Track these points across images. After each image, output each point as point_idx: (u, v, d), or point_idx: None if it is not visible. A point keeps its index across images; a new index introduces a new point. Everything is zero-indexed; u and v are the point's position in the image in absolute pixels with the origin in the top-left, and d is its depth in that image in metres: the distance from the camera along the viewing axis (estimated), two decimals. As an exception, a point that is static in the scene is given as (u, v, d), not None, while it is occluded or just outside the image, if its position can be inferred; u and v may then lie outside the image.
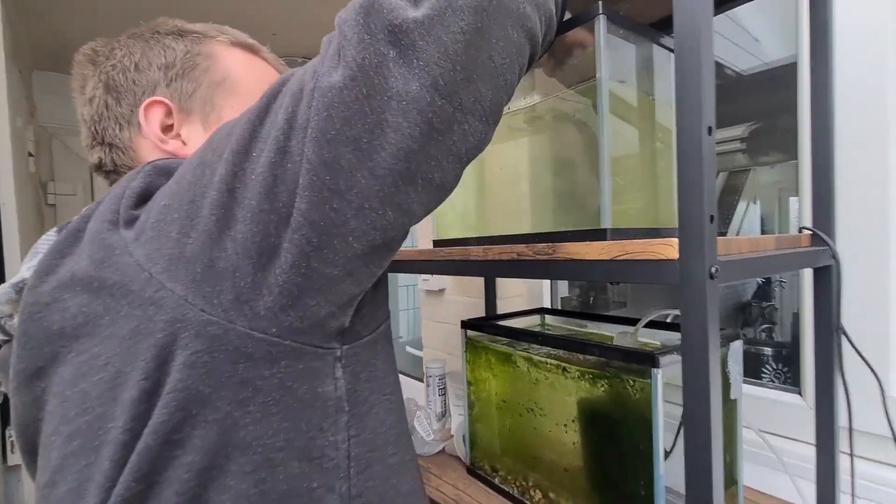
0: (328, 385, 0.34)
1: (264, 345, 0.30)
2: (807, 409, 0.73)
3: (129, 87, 0.47)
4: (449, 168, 0.32)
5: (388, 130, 0.28)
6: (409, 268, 0.64)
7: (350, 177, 0.29)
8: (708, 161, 0.33)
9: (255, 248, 0.30)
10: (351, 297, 0.34)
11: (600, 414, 0.52)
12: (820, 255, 0.52)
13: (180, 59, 0.47)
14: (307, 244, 0.29)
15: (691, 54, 0.33)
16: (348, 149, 0.28)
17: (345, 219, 0.29)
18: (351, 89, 0.28)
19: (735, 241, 0.41)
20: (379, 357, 0.39)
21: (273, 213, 0.29)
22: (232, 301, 0.30)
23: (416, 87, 0.28)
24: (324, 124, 0.28)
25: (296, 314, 0.31)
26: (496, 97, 0.32)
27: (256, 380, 0.31)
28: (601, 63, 0.47)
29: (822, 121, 0.55)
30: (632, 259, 0.37)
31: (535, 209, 0.57)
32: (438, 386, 0.88)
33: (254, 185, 0.30)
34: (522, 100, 0.57)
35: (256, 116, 0.32)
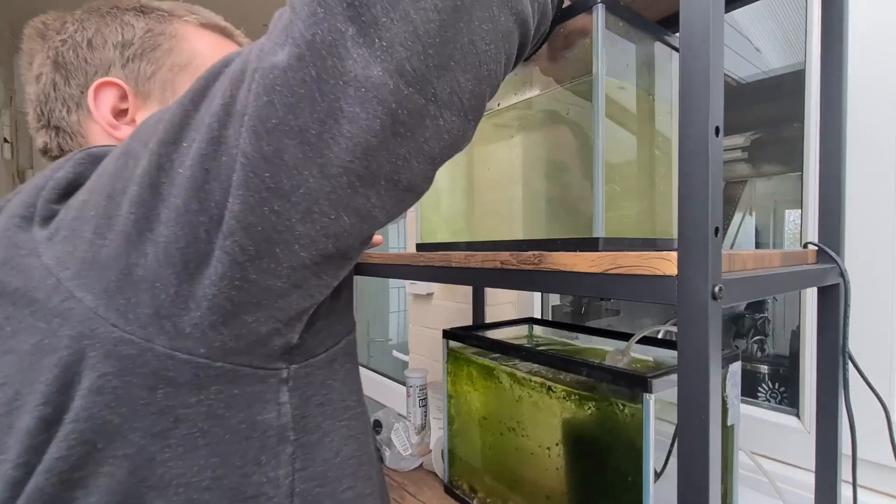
0: (269, 412, 0.29)
1: (190, 368, 0.26)
2: (804, 432, 0.69)
3: (80, 65, 0.42)
4: (419, 169, 0.27)
5: (343, 121, 0.24)
6: (386, 272, 0.59)
7: (295, 174, 0.24)
8: (715, 165, 0.29)
9: (179, 255, 0.25)
10: (299, 312, 0.29)
11: (586, 438, 0.48)
12: (827, 272, 0.48)
13: (139, 38, 0.43)
14: (241, 252, 0.25)
15: (699, 45, 0.29)
16: (293, 141, 0.24)
17: (289, 223, 0.25)
18: (297, 70, 0.23)
19: (740, 255, 0.37)
20: (337, 377, 0.34)
21: (203, 215, 0.25)
22: (150, 316, 0.25)
23: (378, 71, 0.24)
24: (263, 111, 0.24)
25: (229, 332, 0.26)
26: (478, 89, 0.28)
27: (179, 408, 0.26)
28: (598, 57, 0.43)
29: (833, 130, 0.51)
30: (625, 273, 0.33)
31: (524, 215, 0.52)
32: (419, 397, 0.84)
33: (181, 180, 0.25)
34: (514, 96, 0.53)
35: (191, 101, 0.27)
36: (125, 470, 0.26)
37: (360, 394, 0.38)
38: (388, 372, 1.75)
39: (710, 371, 0.29)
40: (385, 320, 2.17)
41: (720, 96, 0.30)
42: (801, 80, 0.73)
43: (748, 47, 1.07)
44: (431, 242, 0.62)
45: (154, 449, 0.26)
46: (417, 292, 1.30)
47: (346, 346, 0.36)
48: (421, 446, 0.79)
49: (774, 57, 1.03)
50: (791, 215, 1.13)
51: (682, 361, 0.30)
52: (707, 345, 0.29)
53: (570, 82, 0.47)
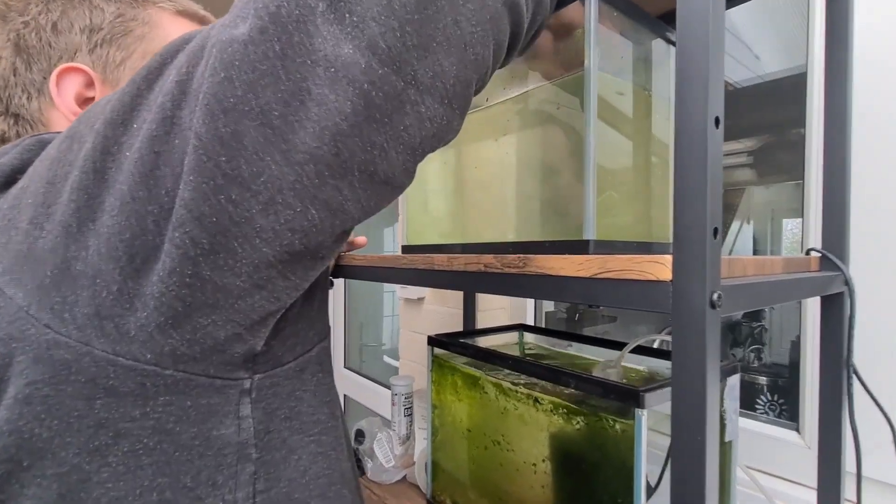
0: (228, 426, 0.26)
1: (134, 376, 0.23)
2: (804, 447, 0.67)
3: (43, 49, 0.39)
4: (398, 160, 0.25)
5: (311, 104, 0.22)
6: (367, 274, 0.57)
7: (256, 160, 0.22)
8: (714, 159, 0.26)
9: (123, 248, 0.22)
10: (264, 315, 0.26)
11: (574, 454, 0.45)
12: (831, 280, 0.45)
13: (109, 23, 0.40)
14: (193, 245, 0.22)
15: (698, 26, 0.26)
16: (254, 123, 0.21)
17: (248, 215, 0.22)
18: (259, 45, 0.21)
19: (740, 261, 0.34)
20: (307, 388, 0.31)
21: (152, 203, 0.22)
22: (90, 316, 0.23)
23: (349, 49, 0.21)
24: (220, 88, 0.21)
25: (181, 336, 0.23)
26: (463, 75, 0.25)
27: (121, 422, 0.23)
28: (590, 51, 0.40)
29: (837, 132, 0.49)
30: (614, 278, 0.30)
31: (513, 216, 0.50)
32: (404, 405, 0.80)
33: (129, 165, 0.23)
34: (502, 92, 0.51)
35: (144, 79, 0.24)
36: (54, 492, 0.23)
37: (334, 406, 0.35)
38: (379, 378, 1.72)
39: (707, 388, 0.26)
40: (378, 324, 2.14)
41: (720, 84, 0.27)
42: (800, 84, 0.70)
43: (745, 52, 1.05)
44: (417, 245, 0.60)
45: (90, 468, 0.23)
46: (408, 296, 1.27)
47: (318, 355, 0.33)
48: (405, 458, 0.75)
49: (772, 61, 1.01)
50: (789, 224, 1.11)
51: (677, 377, 0.27)
52: (704, 358, 0.26)
53: (560, 77, 0.45)
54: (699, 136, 0.26)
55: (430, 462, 0.65)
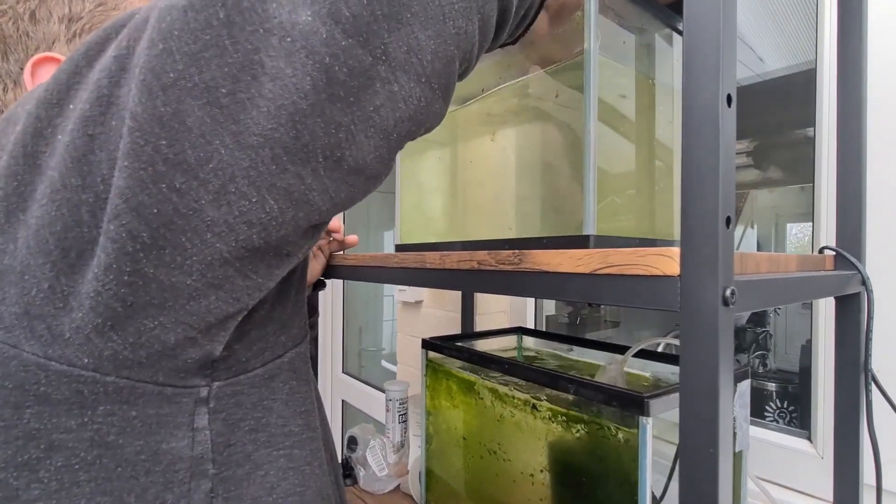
0: (180, 439, 0.24)
1: (69, 382, 0.21)
2: (817, 457, 0.64)
3: (20, 39, 0.38)
4: (368, 145, 0.22)
5: (264, 79, 0.19)
6: (356, 274, 0.54)
7: (203, 144, 0.19)
8: (727, 140, 0.24)
9: (55, 241, 0.20)
10: (222, 318, 0.24)
11: (575, 464, 0.42)
12: (848, 280, 0.43)
13: (89, 12, 0.39)
14: (132, 240, 0.20)
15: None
16: (198, 102, 0.19)
17: (197, 205, 0.20)
18: (200, 11, 0.19)
19: (752, 256, 0.31)
20: (277, 397, 0.29)
21: (86, 192, 0.20)
22: (18, 315, 0.20)
23: (308, 16, 0.19)
24: (158, 62, 0.19)
25: (123, 339, 0.21)
26: (443, 50, 0.22)
27: (54, 433, 0.21)
28: (590, 34, 0.38)
29: (852, 127, 0.47)
30: (617, 274, 0.28)
31: (509, 212, 0.47)
32: (398, 412, 0.77)
33: (61, 148, 0.20)
34: (498, 82, 0.48)
35: (83, 55, 0.22)
36: None
37: (311, 417, 0.32)
38: (379, 383, 1.69)
39: (719, 393, 0.24)
40: (378, 329, 2.11)
41: (733, 60, 0.25)
42: (803, 84, 0.68)
43: (747, 53, 1.03)
44: (410, 243, 0.57)
45: (17, 483, 0.21)
46: (406, 300, 1.25)
47: (291, 361, 0.31)
48: (398, 466, 0.73)
49: (773, 61, 0.99)
50: (793, 229, 1.09)
51: (686, 380, 0.25)
52: (717, 361, 0.24)
53: (559, 63, 0.42)
54: (710, 115, 0.24)
55: (423, 471, 0.62)
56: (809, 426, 0.66)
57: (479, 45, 0.25)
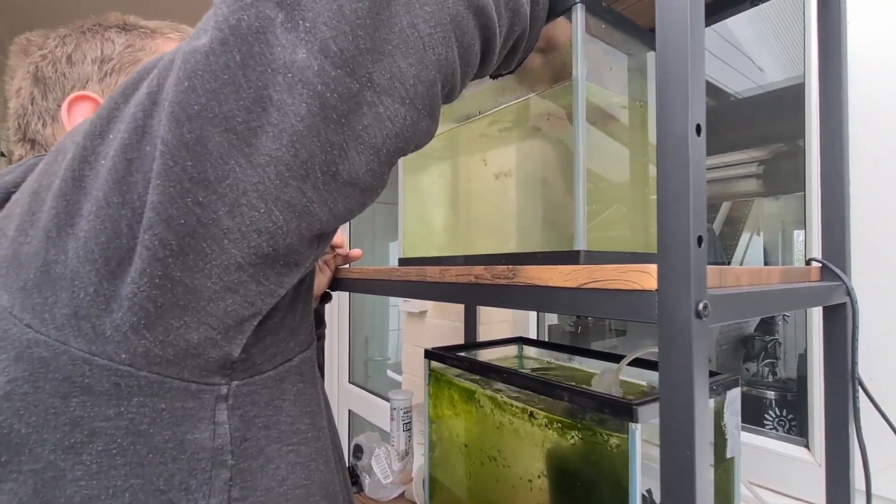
0: (203, 431, 0.26)
1: (109, 375, 0.24)
2: (814, 464, 0.64)
3: (58, 79, 0.42)
4: (360, 160, 0.25)
5: (272, 110, 0.23)
6: (362, 287, 0.56)
7: (221, 164, 0.23)
8: (696, 166, 0.26)
9: (99, 251, 0.23)
10: (238, 320, 0.26)
11: (571, 470, 0.44)
12: (832, 291, 0.44)
13: (119, 53, 0.43)
14: (162, 247, 0.23)
15: (678, 30, 0.26)
16: (217, 129, 0.22)
17: (216, 216, 0.23)
18: (220, 55, 0.22)
19: (731, 271, 0.33)
20: (286, 398, 0.31)
21: (125, 208, 0.23)
22: (68, 316, 0.23)
23: (303, 54, 0.23)
24: (184, 97, 0.22)
25: (154, 337, 0.24)
26: (424, 75, 0.26)
27: (95, 420, 0.24)
28: (578, 62, 0.40)
29: (834, 142, 0.48)
30: (601, 288, 0.30)
31: (506, 228, 0.49)
32: (403, 420, 0.79)
33: (104, 172, 0.24)
34: (493, 103, 0.51)
35: (121, 93, 0.26)
36: (30, 487, 0.23)
37: (317, 417, 0.35)
38: (384, 392, 1.70)
39: (694, 400, 0.25)
40: (384, 338, 2.13)
41: (701, 90, 0.27)
42: (803, 94, 0.70)
43: (748, 64, 1.05)
44: (413, 257, 0.59)
45: (64, 465, 0.23)
46: (411, 310, 1.27)
47: (299, 365, 0.33)
48: (403, 474, 0.74)
49: (775, 72, 1.01)
50: (800, 235, 1.10)
51: (664, 389, 0.26)
52: (691, 369, 0.25)
53: (549, 88, 0.45)
54: (681, 143, 0.26)
55: (427, 478, 0.64)
56: (807, 434, 0.67)
57: (461, 71, 0.28)
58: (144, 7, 0.53)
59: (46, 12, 0.45)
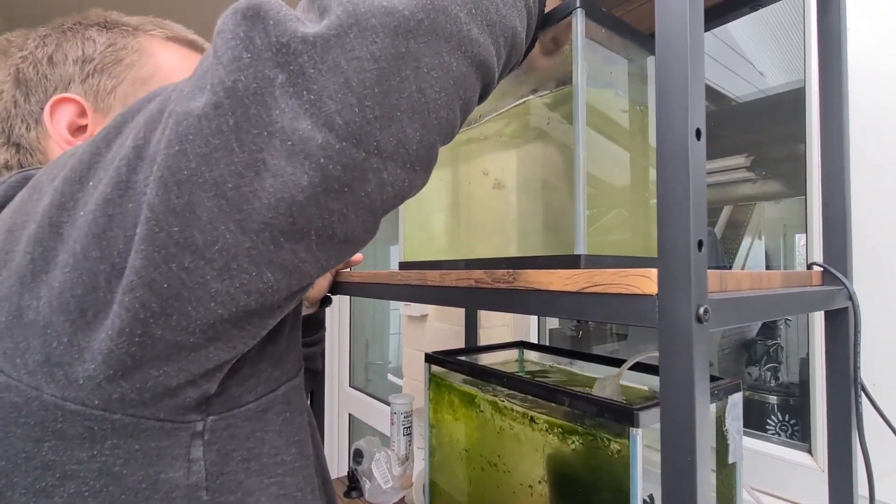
0: (177, 469, 0.26)
1: (82, 420, 0.23)
2: (817, 470, 0.64)
3: (40, 81, 0.41)
4: (357, 222, 0.25)
5: (266, 175, 0.22)
6: (362, 291, 0.56)
7: (210, 229, 0.22)
8: (696, 171, 0.26)
9: (75, 303, 0.23)
10: (219, 364, 0.26)
11: (571, 475, 0.44)
12: (834, 295, 0.44)
13: (100, 53, 0.42)
14: (143, 309, 0.22)
15: (677, 35, 0.26)
16: (208, 194, 0.22)
17: (202, 280, 0.23)
18: (212, 119, 0.21)
19: (732, 275, 0.33)
20: (270, 429, 0.31)
21: (104, 263, 0.23)
22: (41, 363, 0.23)
23: (307, 125, 0.22)
24: (174, 161, 0.22)
25: (130, 385, 0.24)
26: (427, 139, 0.25)
27: (67, 464, 0.24)
28: (578, 66, 0.40)
29: (835, 146, 0.48)
30: (601, 292, 0.30)
31: (506, 232, 0.49)
32: (403, 425, 0.79)
33: (82, 223, 0.23)
34: (495, 107, 0.51)
35: (103, 138, 0.25)
36: None
37: (304, 445, 0.34)
38: (384, 396, 1.70)
39: (695, 406, 0.25)
40: (385, 342, 2.12)
41: (701, 95, 0.27)
42: (804, 98, 0.70)
43: (748, 68, 1.05)
44: (414, 261, 0.59)
45: None
46: (412, 314, 1.27)
47: (285, 394, 0.33)
48: (403, 478, 0.74)
49: (776, 76, 1.01)
50: (801, 239, 1.10)
51: (665, 394, 0.26)
52: (692, 374, 0.25)
53: (549, 92, 0.45)
54: (680, 148, 0.26)
55: (427, 483, 0.64)
56: (809, 439, 0.67)
57: (460, 123, 0.28)
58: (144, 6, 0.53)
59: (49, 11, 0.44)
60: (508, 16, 0.28)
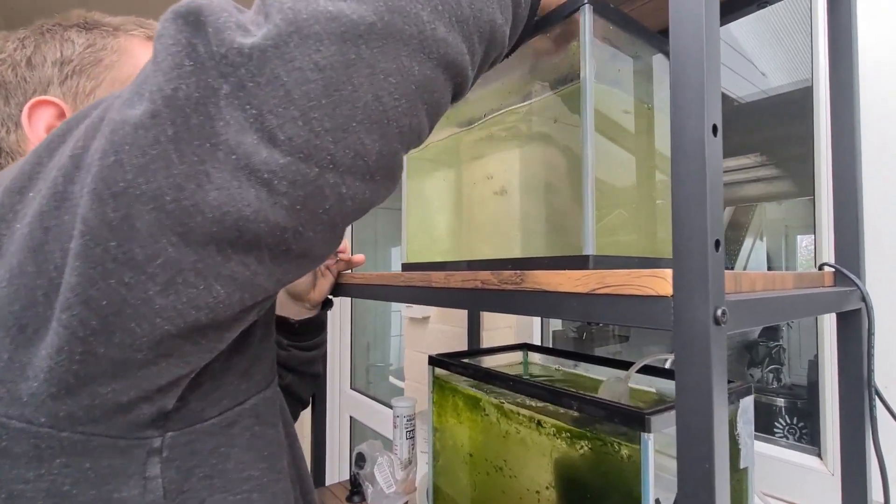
0: (132, 488, 0.25)
1: (28, 438, 0.22)
2: (827, 474, 0.63)
3: (19, 84, 0.40)
4: (316, 237, 0.24)
5: (210, 188, 0.21)
6: (364, 293, 0.56)
7: (151, 244, 0.21)
8: (713, 168, 0.25)
9: (13, 319, 0.22)
10: (175, 379, 0.25)
11: (579, 481, 0.43)
12: (847, 296, 0.43)
13: (79, 54, 0.41)
14: (82, 327, 0.21)
15: (692, 30, 0.25)
16: (146, 207, 0.21)
17: (145, 296, 0.21)
18: (150, 129, 0.20)
19: (747, 276, 0.32)
20: (236, 444, 0.29)
21: (41, 278, 0.22)
22: None
23: (253, 139, 0.21)
24: (109, 172, 0.20)
25: (77, 403, 0.23)
26: (388, 149, 0.24)
27: (13, 483, 0.23)
28: (586, 62, 0.40)
29: (846, 145, 0.48)
30: (613, 294, 0.29)
31: (511, 232, 0.49)
32: (406, 428, 0.78)
33: (20, 236, 0.22)
34: (499, 105, 0.50)
35: (47, 146, 0.24)
36: None
37: (275, 460, 0.33)
38: (385, 399, 1.69)
39: (713, 410, 0.24)
40: (385, 344, 2.11)
41: (717, 91, 0.26)
42: (808, 98, 0.69)
43: (751, 69, 1.05)
44: (416, 262, 0.59)
45: None
46: (413, 316, 1.26)
47: (254, 407, 0.31)
48: (406, 483, 0.73)
49: (779, 76, 1.00)
50: (803, 241, 1.09)
51: (681, 398, 0.25)
52: (710, 378, 0.24)
53: (556, 89, 0.44)
54: (697, 144, 0.25)
55: (431, 488, 0.63)
56: (819, 442, 0.66)
57: (430, 124, 0.27)
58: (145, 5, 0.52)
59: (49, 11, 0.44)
60: (485, 9, 0.26)
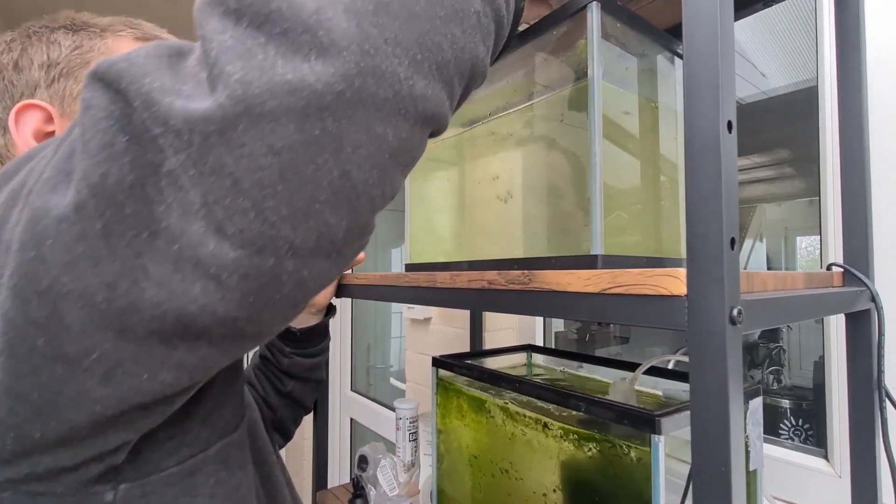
0: None
1: None
2: (834, 476, 0.62)
3: (6, 88, 0.39)
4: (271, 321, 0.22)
5: (147, 285, 0.18)
6: (368, 293, 0.55)
7: (84, 339, 0.19)
8: (728, 164, 0.25)
9: None
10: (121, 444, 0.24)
11: (587, 484, 0.42)
12: (857, 297, 0.43)
13: (66, 56, 0.40)
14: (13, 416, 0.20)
15: (707, 24, 0.25)
16: (75, 306, 0.18)
17: (82, 389, 0.20)
18: (74, 223, 0.18)
19: (759, 276, 0.32)
20: (199, 492, 0.28)
21: None
22: None
23: (199, 227, 0.18)
24: (30, 268, 0.18)
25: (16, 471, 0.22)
26: (357, 223, 0.21)
27: None
28: (593, 61, 0.39)
29: (854, 144, 0.47)
30: (625, 294, 0.28)
31: (516, 232, 0.48)
32: (409, 430, 0.77)
33: None
34: (504, 105, 0.50)
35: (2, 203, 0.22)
36: None
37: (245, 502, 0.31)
38: (387, 401, 1.68)
39: (730, 410, 0.24)
40: (386, 346, 2.11)
41: (732, 87, 0.26)
42: (808, 99, 0.69)
43: (750, 70, 1.04)
44: (420, 263, 0.58)
45: None
46: (414, 317, 1.25)
47: (220, 452, 0.30)
48: (409, 485, 0.72)
49: (779, 77, 1.00)
50: (803, 242, 1.09)
51: (696, 399, 0.25)
52: (726, 379, 0.24)
53: (563, 88, 0.44)
54: (712, 141, 0.25)
55: (435, 491, 0.62)
56: (825, 444, 0.65)
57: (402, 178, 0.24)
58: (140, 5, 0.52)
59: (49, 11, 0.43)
60: (468, 45, 0.23)
